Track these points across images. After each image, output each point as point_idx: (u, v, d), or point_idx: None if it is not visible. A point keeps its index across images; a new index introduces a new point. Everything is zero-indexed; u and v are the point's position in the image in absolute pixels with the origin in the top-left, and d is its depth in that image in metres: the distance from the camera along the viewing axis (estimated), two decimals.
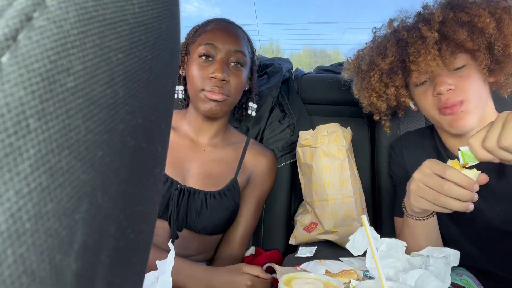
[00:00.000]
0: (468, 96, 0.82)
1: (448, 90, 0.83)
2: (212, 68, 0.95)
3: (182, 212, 0.96)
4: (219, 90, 0.94)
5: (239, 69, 0.99)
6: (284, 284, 0.61)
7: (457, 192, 0.68)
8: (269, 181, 1.13)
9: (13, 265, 0.13)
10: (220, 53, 0.96)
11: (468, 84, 0.83)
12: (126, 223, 0.20)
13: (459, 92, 0.83)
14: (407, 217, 0.83)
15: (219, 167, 1.04)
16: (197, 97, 0.97)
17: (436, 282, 0.66)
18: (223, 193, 1.00)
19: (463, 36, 0.80)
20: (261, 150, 1.12)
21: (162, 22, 0.20)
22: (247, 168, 1.08)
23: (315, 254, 0.98)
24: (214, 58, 0.96)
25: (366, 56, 0.98)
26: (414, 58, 0.85)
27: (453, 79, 0.84)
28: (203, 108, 0.97)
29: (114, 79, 0.17)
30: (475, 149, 0.66)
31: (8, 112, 0.13)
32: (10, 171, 0.13)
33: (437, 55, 0.82)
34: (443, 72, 0.85)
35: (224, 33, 0.98)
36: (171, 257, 0.65)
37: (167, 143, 0.25)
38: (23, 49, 0.14)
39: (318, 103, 1.36)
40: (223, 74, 0.94)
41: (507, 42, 0.81)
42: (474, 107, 0.83)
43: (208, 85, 0.94)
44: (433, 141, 0.98)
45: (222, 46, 0.96)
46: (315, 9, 2.92)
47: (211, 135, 1.05)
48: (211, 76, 0.94)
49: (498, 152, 0.63)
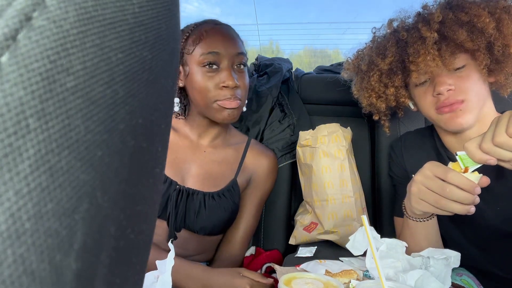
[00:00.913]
0: (468, 96, 0.83)
1: (448, 91, 0.83)
2: (220, 76, 0.93)
3: (181, 212, 0.96)
4: (234, 97, 0.94)
5: (243, 70, 0.99)
6: (284, 284, 0.61)
7: (459, 195, 0.68)
8: (270, 182, 1.13)
9: (13, 265, 0.13)
10: (225, 60, 0.94)
11: (468, 84, 0.83)
12: (126, 223, 0.20)
13: (459, 92, 0.83)
14: (407, 218, 0.83)
15: (219, 167, 1.04)
16: (210, 108, 0.95)
17: (436, 283, 0.65)
18: (222, 194, 1.00)
19: (463, 36, 0.80)
20: (262, 151, 1.12)
21: (162, 22, 0.20)
22: (247, 169, 1.07)
23: (315, 254, 0.98)
24: (219, 66, 0.94)
25: (365, 56, 0.98)
26: (413, 59, 0.84)
27: (453, 79, 0.84)
28: (219, 117, 0.95)
29: (114, 79, 0.17)
30: (472, 151, 0.66)
31: (8, 112, 0.13)
32: (10, 171, 0.13)
33: (436, 55, 0.82)
34: (442, 72, 0.85)
35: (223, 38, 0.96)
36: (171, 257, 0.65)
37: (167, 143, 0.25)
38: (23, 49, 0.14)
39: (318, 103, 1.36)
40: (234, 81, 0.93)
41: (507, 42, 0.81)
42: (473, 106, 0.83)
43: (221, 95, 0.93)
44: (433, 141, 0.98)
45: (225, 52, 0.94)
46: (315, 9, 2.92)
47: (213, 137, 1.05)
48: (223, 86, 0.93)
49: (494, 150, 0.64)
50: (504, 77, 0.86)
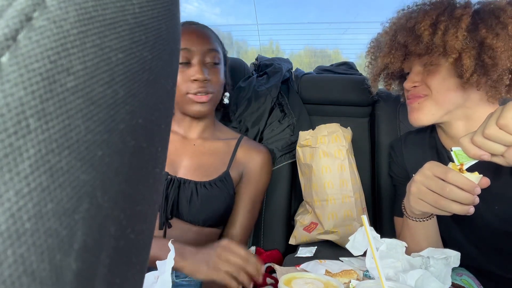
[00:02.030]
0: (430, 93, 0.86)
1: (412, 87, 0.89)
2: (191, 71, 1.00)
3: (172, 200, 0.98)
4: (204, 90, 1.00)
5: (216, 67, 1.04)
6: (284, 284, 0.61)
7: (459, 195, 0.68)
8: (263, 178, 1.13)
9: (13, 265, 0.13)
10: (196, 56, 1.00)
11: (432, 81, 0.86)
12: (126, 223, 0.20)
13: (424, 88, 0.87)
14: (406, 218, 0.83)
15: (210, 159, 1.06)
16: (183, 100, 1.01)
17: (436, 283, 0.65)
18: (214, 183, 1.02)
19: (403, 40, 0.86)
20: (254, 146, 1.13)
21: (162, 22, 0.20)
22: (239, 163, 1.09)
23: (315, 254, 0.98)
24: (190, 62, 1.01)
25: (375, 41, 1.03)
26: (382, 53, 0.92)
27: (422, 76, 0.88)
28: (191, 110, 1.02)
29: (114, 79, 0.17)
30: (466, 146, 0.67)
31: (8, 112, 0.13)
32: (10, 171, 0.13)
33: (387, 53, 0.90)
34: (415, 68, 0.89)
35: (195, 36, 1.02)
36: (171, 257, 0.65)
37: (167, 143, 0.25)
38: (23, 49, 0.14)
39: (318, 103, 1.36)
40: (204, 74, 0.99)
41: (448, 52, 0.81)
42: (431, 104, 0.86)
43: (192, 88, 0.99)
44: (434, 141, 0.98)
45: (196, 48, 1.00)
46: (315, 9, 2.92)
47: (200, 131, 1.09)
48: (193, 79, 0.99)
49: (484, 143, 0.64)
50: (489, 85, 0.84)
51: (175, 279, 0.99)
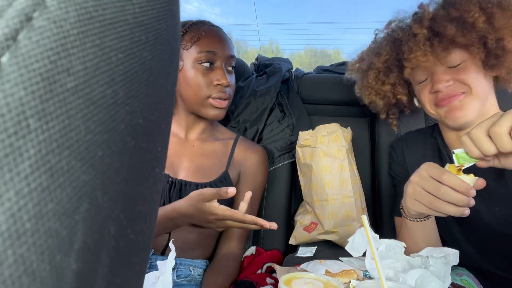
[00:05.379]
0: (468, 88, 0.85)
1: (447, 87, 0.85)
2: (214, 74, 1.00)
3: None
4: (225, 96, 1.00)
5: (232, 72, 1.06)
6: (284, 284, 0.61)
7: (453, 196, 0.67)
8: (260, 176, 1.13)
9: (14, 265, 0.13)
10: (220, 60, 1.01)
11: (467, 77, 0.85)
12: (126, 223, 0.20)
13: (459, 86, 0.85)
14: (405, 218, 0.83)
15: (209, 160, 1.06)
16: (202, 104, 1.01)
17: (436, 282, 0.65)
18: (214, 184, 1.02)
19: (452, 31, 0.82)
20: (250, 145, 1.14)
21: (162, 22, 0.20)
22: (237, 163, 1.09)
23: (315, 254, 0.98)
24: (213, 65, 1.01)
25: (365, 56, 1.01)
26: (406, 55, 0.87)
27: (450, 75, 0.86)
28: (208, 114, 1.01)
29: (114, 79, 0.17)
30: (468, 146, 0.66)
31: (8, 112, 0.13)
32: (10, 171, 0.13)
33: (428, 51, 0.84)
34: (439, 69, 0.87)
35: (220, 40, 1.03)
36: (172, 257, 0.65)
37: (167, 143, 0.25)
38: (23, 49, 0.14)
39: (318, 103, 1.36)
40: (227, 79, 0.99)
41: (500, 35, 0.81)
42: (473, 100, 0.85)
43: (214, 92, 0.99)
44: (434, 141, 0.99)
45: (221, 52, 1.01)
46: (315, 9, 2.92)
47: (200, 132, 1.09)
48: (217, 84, 0.99)
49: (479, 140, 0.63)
50: (505, 71, 0.86)
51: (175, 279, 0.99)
